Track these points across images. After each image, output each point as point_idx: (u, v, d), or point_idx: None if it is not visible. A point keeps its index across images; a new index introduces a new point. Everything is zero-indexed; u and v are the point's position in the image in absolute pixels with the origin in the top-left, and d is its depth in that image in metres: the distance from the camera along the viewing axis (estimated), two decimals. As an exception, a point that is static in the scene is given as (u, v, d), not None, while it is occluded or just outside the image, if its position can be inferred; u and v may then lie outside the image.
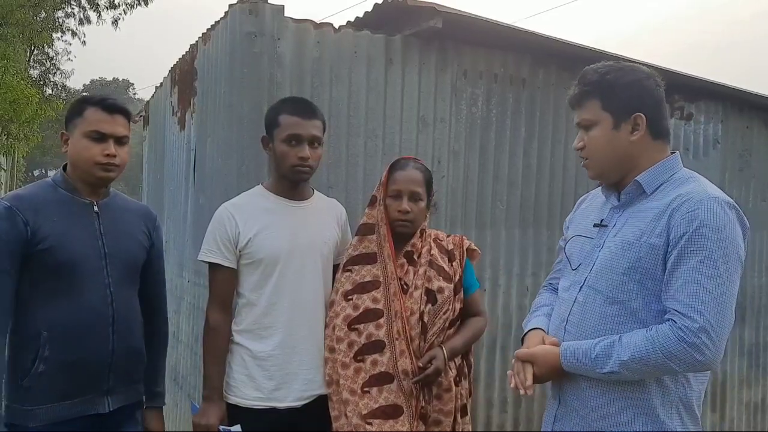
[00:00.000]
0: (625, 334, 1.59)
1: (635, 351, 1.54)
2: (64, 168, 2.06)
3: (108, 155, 1.98)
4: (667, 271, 1.57)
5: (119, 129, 2.02)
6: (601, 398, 1.66)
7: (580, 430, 1.70)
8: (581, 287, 1.74)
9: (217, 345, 2.16)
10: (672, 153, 1.74)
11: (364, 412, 2.05)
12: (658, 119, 1.70)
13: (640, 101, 1.67)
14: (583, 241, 1.82)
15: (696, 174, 1.71)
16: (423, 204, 2.22)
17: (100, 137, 1.97)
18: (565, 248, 1.89)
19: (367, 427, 2.03)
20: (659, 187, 1.67)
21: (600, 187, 1.85)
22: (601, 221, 1.78)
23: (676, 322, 1.51)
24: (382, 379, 2.07)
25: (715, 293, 1.51)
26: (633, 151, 1.69)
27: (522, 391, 1.73)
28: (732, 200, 1.61)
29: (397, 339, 2.10)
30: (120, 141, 2.02)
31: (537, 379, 1.73)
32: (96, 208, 2.03)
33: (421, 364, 2.09)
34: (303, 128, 2.14)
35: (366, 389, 2.07)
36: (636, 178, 1.69)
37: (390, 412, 2.05)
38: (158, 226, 2.26)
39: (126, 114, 2.06)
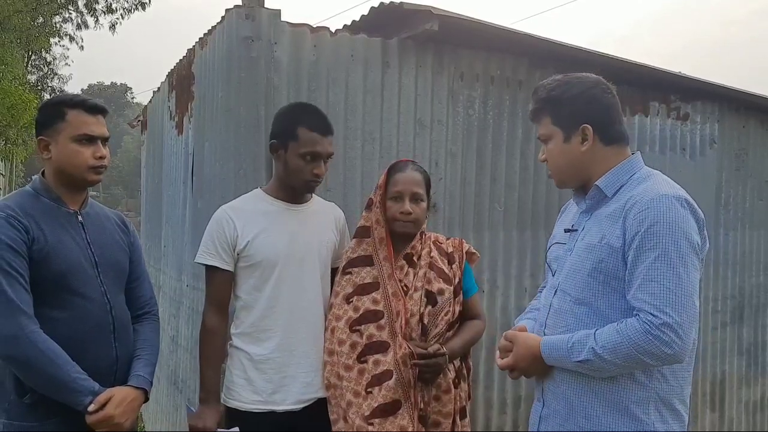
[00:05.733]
0: (600, 328, 1.63)
1: (607, 341, 1.58)
2: (42, 174, 1.99)
3: (100, 157, 1.95)
4: (627, 271, 1.61)
5: (104, 129, 1.99)
6: (581, 398, 1.69)
7: (564, 430, 1.73)
8: (555, 292, 1.80)
9: (213, 348, 2.16)
10: (632, 154, 1.78)
11: (367, 413, 2.05)
12: (608, 126, 1.75)
13: (586, 112, 1.73)
14: (558, 248, 1.89)
15: (654, 172, 1.75)
16: (424, 205, 2.24)
17: (89, 140, 1.94)
18: (546, 256, 1.96)
19: (369, 428, 2.04)
20: (619, 189, 1.72)
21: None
22: (572, 226, 1.84)
23: (641, 317, 1.55)
24: (382, 377, 2.07)
25: (674, 289, 1.54)
26: (586, 160, 1.76)
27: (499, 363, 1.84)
28: (685, 195, 1.64)
29: (399, 336, 2.10)
30: (105, 141, 1.99)
31: (515, 363, 1.79)
32: (80, 218, 1.99)
33: (431, 350, 2.09)
34: (322, 146, 2.16)
35: (369, 390, 2.07)
36: (596, 183, 1.75)
37: (388, 409, 2.05)
38: (133, 232, 2.21)
39: (105, 113, 2.02)
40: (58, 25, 23.36)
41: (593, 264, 1.67)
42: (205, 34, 2.96)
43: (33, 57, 24.39)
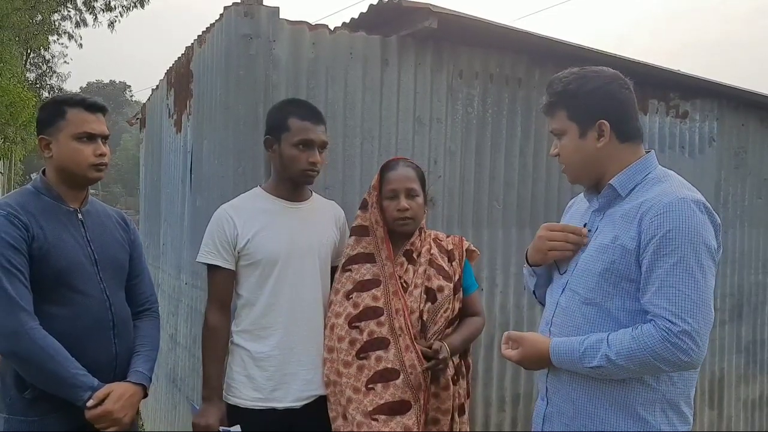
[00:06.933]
0: (612, 333, 1.60)
1: (621, 347, 1.56)
2: (43, 173, 2.01)
3: (101, 155, 1.97)
4: (643, 275, 1.58)
5: (104, 128, 2.01)
6: (587, 398, 1.67)
7: (568, 430, 1.71)
8: (563, 290, 1.77)
9: (215, 346, 2.17)
10: (647, 152, 1.75)
11: (370, 408, 2.05)
12: (625, 122, 1.71)
13: (603, 108, 1.69)
14: None
15: (670, 173, 1.72)
16: (420, 200, 2.23)
17: (89, 138, 1.96)
18: None
19: (373, 423, 2.03)
20: (634, 189, 1.69)
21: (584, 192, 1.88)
22: (584, 225, 1.80)
23: (658, 324, 1.53)
24: (387, 375, 2.07)
25: (692, 296, 1.52)
26: (601, 157, 1.71)
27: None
28: (703, 199, 1.61)
29: (400, 335, 2.10)
30: (106, 139, 2.02)
31: (520, 361, 1.76)
32: (80, 216, 2.01)
33: (430, 351, 2.08)
34: (314, 133, 2.17)
35: (370, 386, 2.07)
36: (610, 182, 1.71)
37: (396, 408, 2.05)
38: (134, 229, 2.23)
39: (105, 111, 2.04)
40: (56, 23, 23.35)
41: (605, 265, 1.65)
42: (203, 32, 2.96)
43: (32, 55, 24.37)
